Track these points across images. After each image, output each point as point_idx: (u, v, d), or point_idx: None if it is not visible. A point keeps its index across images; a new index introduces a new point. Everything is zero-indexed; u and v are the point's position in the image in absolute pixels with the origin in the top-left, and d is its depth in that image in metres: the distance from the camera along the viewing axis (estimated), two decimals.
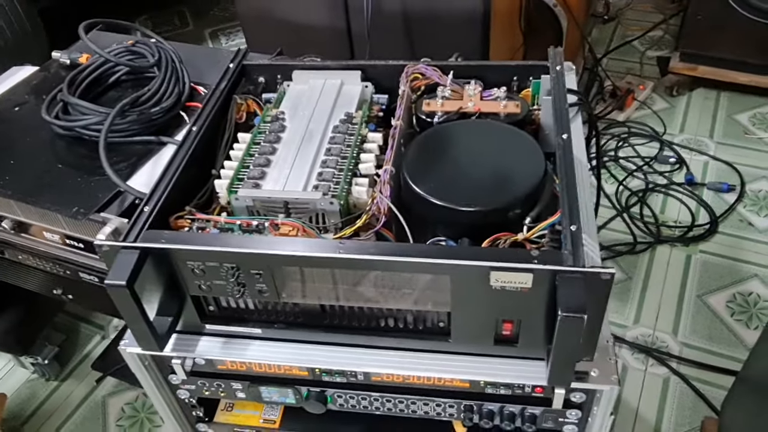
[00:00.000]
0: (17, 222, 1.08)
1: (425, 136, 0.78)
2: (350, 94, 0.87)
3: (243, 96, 0.89)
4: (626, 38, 2.57)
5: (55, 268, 1.14)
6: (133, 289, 0.63)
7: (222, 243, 0.65)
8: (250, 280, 0.67)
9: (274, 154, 0.78)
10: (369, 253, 0.62)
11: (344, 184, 0.72)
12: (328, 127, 0.81)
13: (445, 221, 0.69)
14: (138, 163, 1.03)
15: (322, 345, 0.74)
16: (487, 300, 0.63)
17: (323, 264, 0.63)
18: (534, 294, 0.61)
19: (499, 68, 0.87)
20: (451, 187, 0.70)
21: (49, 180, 1.02)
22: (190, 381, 0.82)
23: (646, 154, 2.06)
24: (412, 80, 0.87)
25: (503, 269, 0.60)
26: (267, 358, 0.74)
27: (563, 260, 0.59)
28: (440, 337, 0.70)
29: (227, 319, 0.74)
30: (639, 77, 2.36)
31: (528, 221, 0.68)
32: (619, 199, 1.93)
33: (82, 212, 0.96)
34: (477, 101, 0.83)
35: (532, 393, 0.73)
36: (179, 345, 0.75)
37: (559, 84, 0.81)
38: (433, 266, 0.61)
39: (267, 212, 0.73)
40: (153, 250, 0.65)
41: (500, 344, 0.68)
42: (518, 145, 0.75)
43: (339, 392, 0.80)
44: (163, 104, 1.07)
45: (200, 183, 0.79)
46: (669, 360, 1.53)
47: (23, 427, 1.53)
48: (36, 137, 1.11)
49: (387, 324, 0.71)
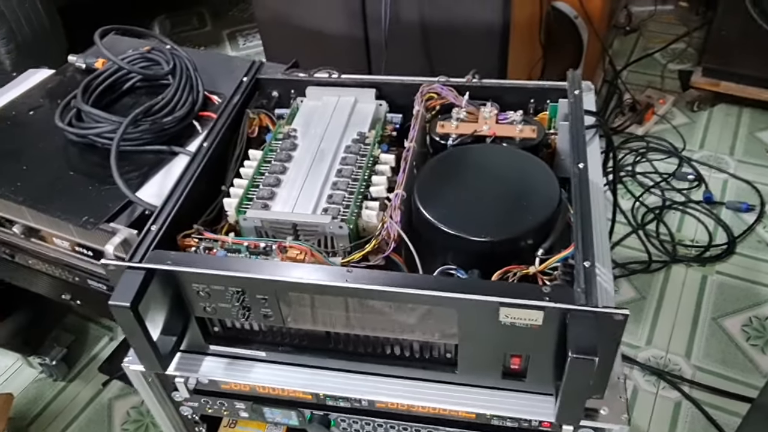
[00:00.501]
0: (27, 227, 1.08)
1: (438, 159, 0.77)
2: (364, 112, 0.86)
3: (256, 110, 0.88)
4: (648, 50, 2.53)
5: (64, 274, 1.13)
6: (137, 310, 0.63)
7: (227, 267, 0.64)
8: (255, 305, 0.66)
9: (284, 173, 0.77)
10: (376, 284, 0.60)
11: (354, 207, 0.71)
12: (340, 146, 0.80)
13: (456, 250, 0.68)
14: (149, 172, 1.03)
15: (327, 370, 0.72)
16: (496, 335, 0.61)
17: (329, 292, 0.62)
18: (544, 330, 0.60)
19: (516, 90, 0.85)
20: (463, 215, 0.68)
21: (61, 187, 1.02)
22: (193, 399, 0.81)
23: (664, 170, 2.03)
24: (427, 99, 0.85)
25: (513, 305, 0.58)
26: (271, 382, 0.73)
27: (575, 298, 0.58)
28: (447, 367, 0.69)
29: (232, 340, 0.73)
30: (660, 91, 2.32)
31: (540, 253, 0.67)
32: (635, 215, 1.90)
33: (91, 222, 0.95)
34: (492, 124, 0.81)
35: (539, 427, 0.71)
36: (183, 364, 0.75)
37: (577, 109, 0.79)
38: (440, 299, 0.59)
39: (276, 233, 0.72)
40: (159, 271, 0.64)
41: (508, 378, 0.67)
42: (533, 173, 0.73)
43: (343, 416, 0.78)
44: (176, 114, 1.07)
45: (210, 198, 0.79)
46: (681, 384, 1.50)
47: (29, 428, 1.53)
48: (49, 142, 1.10)
49: (393, 352, 0.70)
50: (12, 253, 1.17)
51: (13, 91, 1.24)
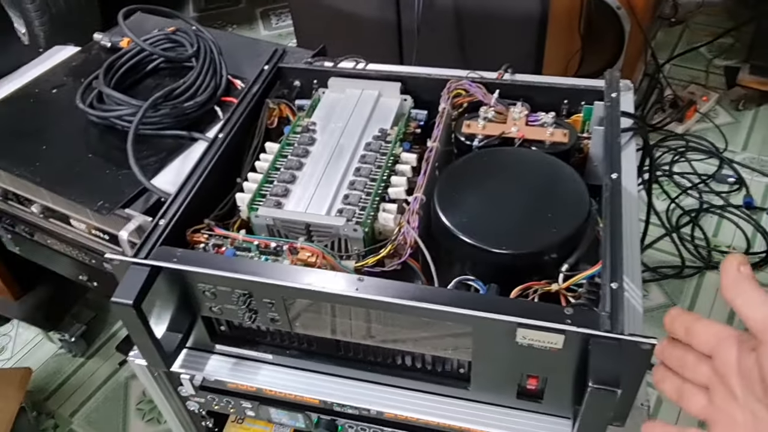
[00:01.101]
0: (46, 207, 1.08)
1: (461, 162, 0.73)
2: (387, 107, 0.82)
3: (276, 100, 0.85)
4: (693, 44, 2.43)
5: (81, 256, 1.13)
6: (140, 308, 0.61)
7: (235, 268, 0.61)
8: (262, 308, 0.63)
9: (300, 169, 0.74)
10: (388, 295, 0.57)
11: (370, 210, 0.68)
12: (360, 143, 0.77)
13: (475, 260, 0.64)
14: (167, 158, 1.01)
15: (335, 377, 0.70)
16: (512, 354, 0.58)
17: (338, 301, 0.59)
18: (564, 354, 0.56)
19: (549, 90, 0.81)
20: (484, 224, 0.64)
21: (78, 170, 1.01)
22: (200, 395, 0.79)
23: (703, 171, 1.95)
24: (454, 96, 0.81)
25: (532, 327, 0.54)
26: (277, 385, 0.70)
27: (599, 324, 0.54)
28: (459, 383, 0.65)
29: (239, 341, 0.71)
30: (703, 87, 2.23)
31: (565, 268, 0.63)
32: (669, 217, 1.84)
33: (107, 207, 0.94)
34: (522, 126, 0.77)
35: None
36: (188, 362, 0.73)
37: (614, 114, 0.74)
38: (455, 316, 0.56)
39: (288, 233, 0.69)
40: (164, 269, 0.62)
41: (523, 398, 0.63)
42: (561, 182, 0.69)
43: (351, 423, 0.76)
44: (198, 98, 1.04)
45: (224, 190, 0.76)
46: None
47: (47, 402, 1.55)
48: (70, 123, 1.09)
49: (404, 362, 0.67)
50: (31, 231, 1.17)
51: (38, 68, 1.23)
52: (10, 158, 1.03)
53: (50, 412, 1.53)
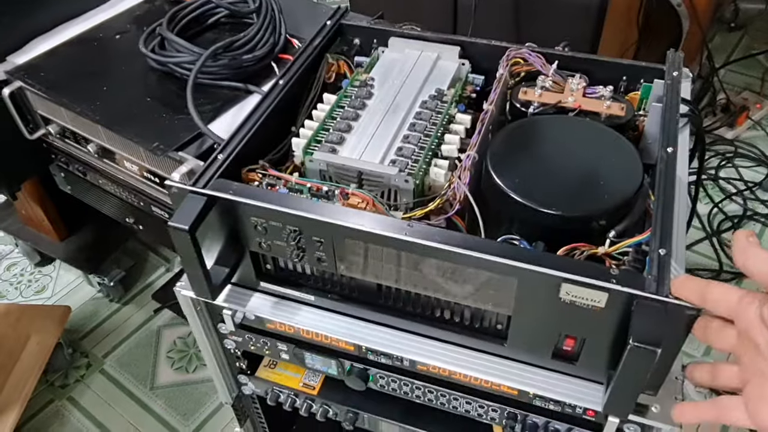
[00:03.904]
0: (101, 147, 1.11)
1: (516, 126, 0.73)
2: (445, 69, 0.82)
3: (335, 56, 0.86)
4: (751, 50, 2.37)
5: (130, 198, 1.16)
6: (194, 235, 0.63)
7: (288, 204, 0.63)
8: (310, 247, 0.65)
9: (356, 120, 0.75)
10: (436, 241, 0.58)
11: (423, 163, 0.69)
12: (416, 101, 0.78)
13: (523, 220, 0.65)
14: (222, 107, 1.03)
15: (374, 324, 0.71)
16: (553, 311, 0.58)
17: (387, 243, 0.61)
18: (606, 315, 0.56)
19: (608, 65, 0.80)
20: (535, 185, 0.65)
21: (137, 111, 1.04)
22: (237, 333, 0.81)
23: (750, 178, 1.91)
24: (512, 64, 0.82)
25: (577, 283, 0.55)
26: (315, 326, 0.72)
27: (645, 285, 0.54)
28: (496, 339, 0.66)
29: (282, 281, 0.73)
30: (758, 95, 2.18)
31: (612, 235, 0.63)
32: (711, 221, 1.81)
33: (161, 148, 0.97)
34: (578, 97, 0.77)
35: (583, 415, 0.68)
36: (232, 297, 0.75)
37: (674, 92, 0.74)
38: (501, 266, 0.57)
39: (339, 179, 0.71)
40: (220, 199, 0.64)
41: (558, 359, 0.64)
42: (616, 151, 0.69)
43: (382, 373, 0.77)
44: (256, 52, 1.06)
45: (278, 138, 0.78)
46: None
47: (82, 341, 1.60)
48: (130, 67, 1.12)
49: (443, 315, 0.68)
50: (84, 170, 1.21)
51: (103, 14, 1.27)
52: (72, 96, 1.07)
53: (84, 351, 1.58)
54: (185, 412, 1.45)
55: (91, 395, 1.49)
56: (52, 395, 1.50)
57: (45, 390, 1.51)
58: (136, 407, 1.47)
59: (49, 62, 1.14)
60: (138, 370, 1.54)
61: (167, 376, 1.52)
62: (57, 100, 1.07)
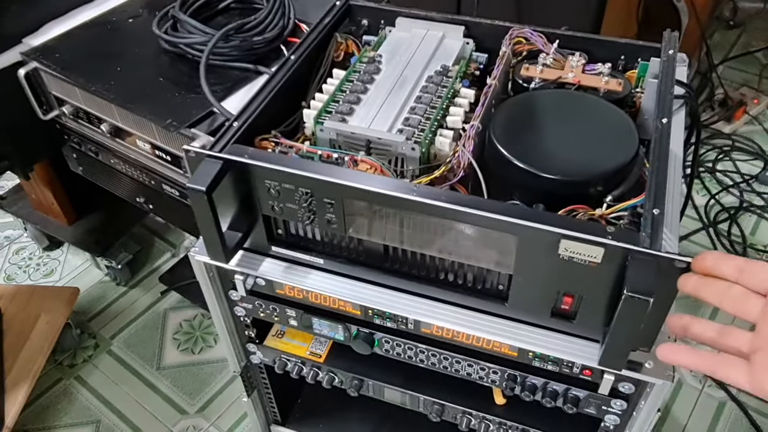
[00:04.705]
0: (114, 127, 1.14)
1: (518, 98, 0.77)
2: (450, 48, 0.86)
3: (344, 35, 0.90)
4: (749, 48, 2.41)
5: (142, 177, 1.19)
6: (211, 196, 0.66)
7: (301, 167, 0.66)
8: (321, 209, 0.68)
9: (365, 93, 0.78)
10: (441, 200, 0.61)
11: (429, 132, 0.72)
12: (422, 75, 0.81)
13: (524, 185, 0.68)
14: (232, 87, 1.07)
15: (380, 287, 0.74)
16: (552, 269, 0.62)
17: (394, 204, 0.64)
18: (602, 271, 0.60)
19: (607, 44, 0.84)
20: (536, 152, 0.68)
21: (150, 91, 1.07)
22: (248, 300, 0.84)
23: (747, 171, 1.95)
24: (515, 43, 0.85)
25: (574, 239, 0.58)
26: (324, 289, 0.75)
27: (639, 241, 0.57)
28: (497, 299, 0.69)
29: (293, 245, 0.76)
30: (755, 90, 2.22)
31: (609, 200, 0.66)
32: (708, 213, 1.84)
33: (174, 125, 1.00)
34: (578, 73, 0.80)
35: (580, 374, 0.72)
36: (244, 261, 0.78)
37: (669, 69, 0.77)
38: (503, 224, 0.60)
39: (349, 148, 0.74)
40: (235, 162, 0.67)
41: (557, 318, 0.67)
42: (613, 123, 0.72)
43: (387, 337, 0.81)
44: (266, 35, 1.10)
45: (289, 112, 0.81)
46: (729, 385, 1.46)
47: (90, 322, 1.63)
48: (143, 50, 1.16)
49: (446, 278, 0.71)
50: (97, 150, 1.24)
51: None
52: (86, 76, 1.10)
53: (92, 332, 1.61)
54: (191, 392, 1.48)
55: (98, 375, 1.52)
56: (61, 374, 1.53)
57: (53, 369, 1.54)
58: (142, 386, 1.50)
59: (63, 44, 1.17)
60: (144, 351, 1.57)
61: (173, 357, 1.55)
62: (72, 80, 1.10)
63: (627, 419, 0.75)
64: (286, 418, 1.12)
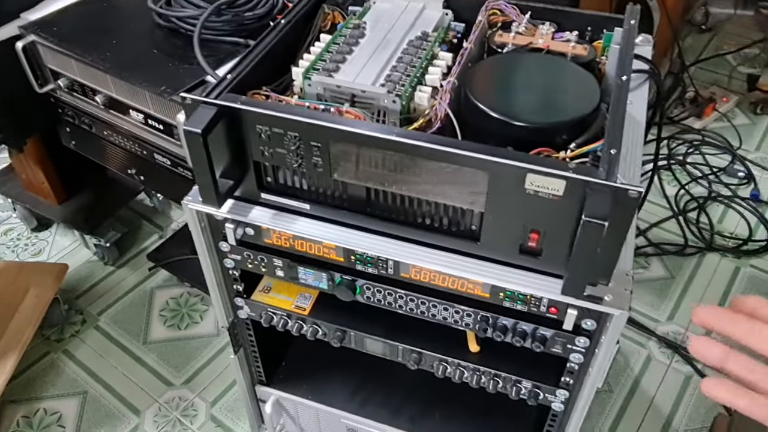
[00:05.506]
0: (109, 98, 1.19)
1: (492, 58, 0.83)
2: (430, 17, 0.92)
3: (331, 6, 0.96)
4: (720, 51, 2.51)
5: (134, 147, 1.24)
6: (206, 139, 0.71)
7: (290, 112, 0.71)
8: (308, 153, 0.73)
9: (350, 54, 0.84)
10: (420, 140, 0.67)
11: (409, 87, 0.78)
12: (404, 39, 0.87)
13: (496, 134, 0.74)
14: (224, 60, 1.12)
15: (362, 231, 0.80)
16: (520, 204, 0.67)
17: (377, 144, 0.69)
18: (564, 204, 0.65)
19: (575, 15, 0.91)
20: (507, 104, 0.74)
21: (144, 62, 1.12)
22: (237, 250, 0.89)
23: (716, 164, 2.03)
24: (490, 14, 0.91)
25: (539, 173, 0.64)
26: (310, 233, 0.80)
27: (597, 174, 0.63)
28: (470, 240, 0.75)
29: (281, 193, 0.81)
30: (725, 90, 2.31)
31: (572, 146, 0.72)
32: (678, 202, 1.92)
33: (167, 92, 1.05)
34: (548, 39, 0.87)
35: (547, 312, 0.77)
36: (235, 209, 0.83)
37: (630, 36, 0.83)
38: (475, 160, 0.66)
39: (334, 102, 0.79)
40: (229, 109, 0.72)
41: (525, 254, 0.73)
42: (578, 81, 0.79)
43: (368, 284, 0.86)
44: (257, 11, 1.15)
45: (279, 74, 0.86)
46: (695, 361, 1.53)
47: (77, 300, 1.67)
48: (139, 25, 1.21)
49: (424, 221, 0.77)
50: (90, 123, 1.29)
51: None
52: (82, 48, 1.15)
53: (80, 309, 1.64)
54: (177, 365, 1.52)
55: (85, 348, 1.56)
56: (48, 348, 1.56)
57: (41, 343, 1.57)
58: (129, 359, 1.53)
59: (61, 18, 1.22)
60: (131, 327, 1.60)
61: (160, 333, 1.59)
62: (68, 52, 1.15)
63: (591, 357, 0.80)
64: (270, 379, 1.16)
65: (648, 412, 1.44)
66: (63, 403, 1.45)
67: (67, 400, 1.46)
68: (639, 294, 1.68)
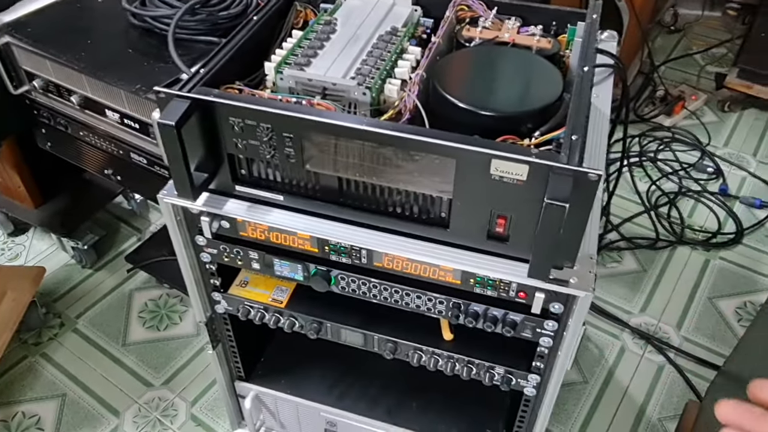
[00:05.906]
0: (84, 98, 1.20)
1: (460, 52, 0.86)
2: (400, 13, 0.94)
3: (303, 4, 0.98)
4: (688, 51, 2.58)
5: (110, 147, 1.25)
6: (180, 131, 0.72)
7: (262, 104, 0.73)
8: (281, 144, 0.75)
9: (321, 49, 0.86)
10: (389, 129, 0.69)
11: (378, 79, 0.80)
12: (374, 35, 0.89)
13: (463, 123, 0.76)
14: (198, 59, 1.12)
15: (335, 221, 0.81)
16: (486, 190, 0.70)
17: (347, 133, 0.71)
18: (528, 189, 0.68)
19: (540, 10, 0.94)
20: (474, 94, 0.77)
21: (119, 61, 1.13)
22: (213, 244, 0.91)
23: (685, 160, 2.08)
24: (458, 10, 0.94)
25: (503, 158, 0.66)
26: (285, 224, 0.82)
27: (558, 159, 0.66)
28: (440, 227, 0.77)
29: (255, 185, 0.83)
30: (693, 88, 2.37)
31: (537, 135, 0.75)
32: (649, 197, 1.96)
33: (143, 90, 1.06)
34: (513, 34, 0.89)
35: (516, 297, 0.80)
36: (210, 202, 0.84)
37: (592, 29, 0.87)
38: (442, 147, 0.68)
39: (306, 95, 0.81)
40: (202, 101, 0.74)
41: (492, 240, 0.75)
42: (542, 72, 0.81)
43: (343, 274, 0.88)
44: (231, 10, 1.17)
45: (252, 70, 0.88)
46: (667, 350, 1.57)
47: (55, 304, 1.66)
48: (113, 25, 1.22)
49: (395, 210, 0.79)
50: (66, 124, 1.29)
51: None
52: (57, 48, 1.16)
53: (58, 312, 1.64)
54: (156, 366, 1.52)
55: (64, 351, 1.55)
56: (26, 352, 1.55)
57: (18, 347, 1.56)
58: (108, 361, 1.53)
59: (35, 20, 1.22)
60: (110, 329, 1.60)
61: (139, 334, 1.59)
62: (43, 52, 1.16)
63: (559, 340, 0.83)
64: (249, 374, 1.17)
65: (622, 401, 1.47)
66: (41, 406, 1.45)
67: (46, 403, 1.45)
68: (612, 287, 1.71)
